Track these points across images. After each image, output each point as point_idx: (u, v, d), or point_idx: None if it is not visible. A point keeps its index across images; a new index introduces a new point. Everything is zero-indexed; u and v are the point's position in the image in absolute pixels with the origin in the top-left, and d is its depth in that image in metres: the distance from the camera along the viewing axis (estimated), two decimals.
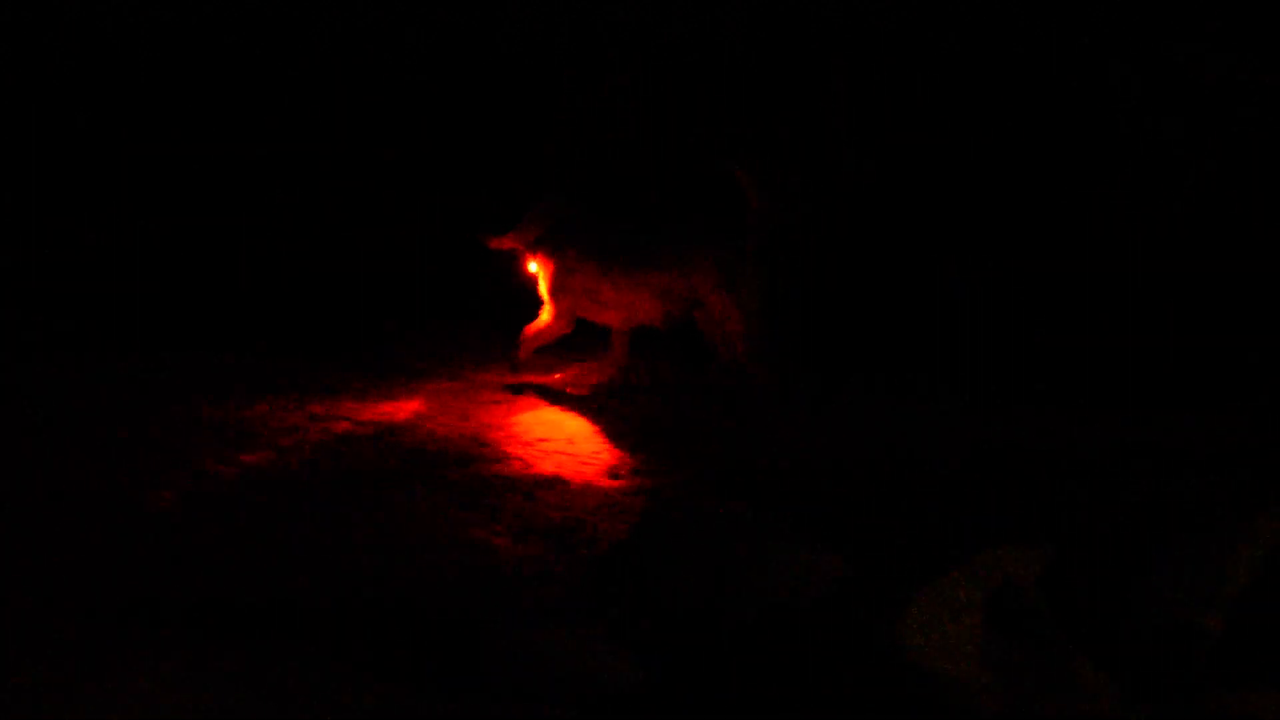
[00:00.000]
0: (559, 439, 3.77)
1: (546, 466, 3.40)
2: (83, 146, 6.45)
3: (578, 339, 4.85)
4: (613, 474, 3.41)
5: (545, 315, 4.63)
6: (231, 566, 2.94)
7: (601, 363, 4.72)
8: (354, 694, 2.30)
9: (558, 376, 4.67)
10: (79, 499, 3.37)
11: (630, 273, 4.39)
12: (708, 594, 2.60)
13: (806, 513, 3.04)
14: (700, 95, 6.73)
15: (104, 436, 3.87)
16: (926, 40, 6.48)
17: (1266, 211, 5.94)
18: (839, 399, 4.29)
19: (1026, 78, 6.33)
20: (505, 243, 4.63)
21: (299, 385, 4.45)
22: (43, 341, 5.30)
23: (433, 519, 3.08)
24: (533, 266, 4.70)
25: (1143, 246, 5.84)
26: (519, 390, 4.39)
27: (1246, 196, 6.00)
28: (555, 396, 4.36)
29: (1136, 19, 6.13)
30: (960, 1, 6.42)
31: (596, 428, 3.91)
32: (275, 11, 6.44)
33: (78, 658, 2.50)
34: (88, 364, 4.94)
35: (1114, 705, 2.42)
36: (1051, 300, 5.63)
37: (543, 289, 4.64)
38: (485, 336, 5.25)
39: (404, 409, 4.16)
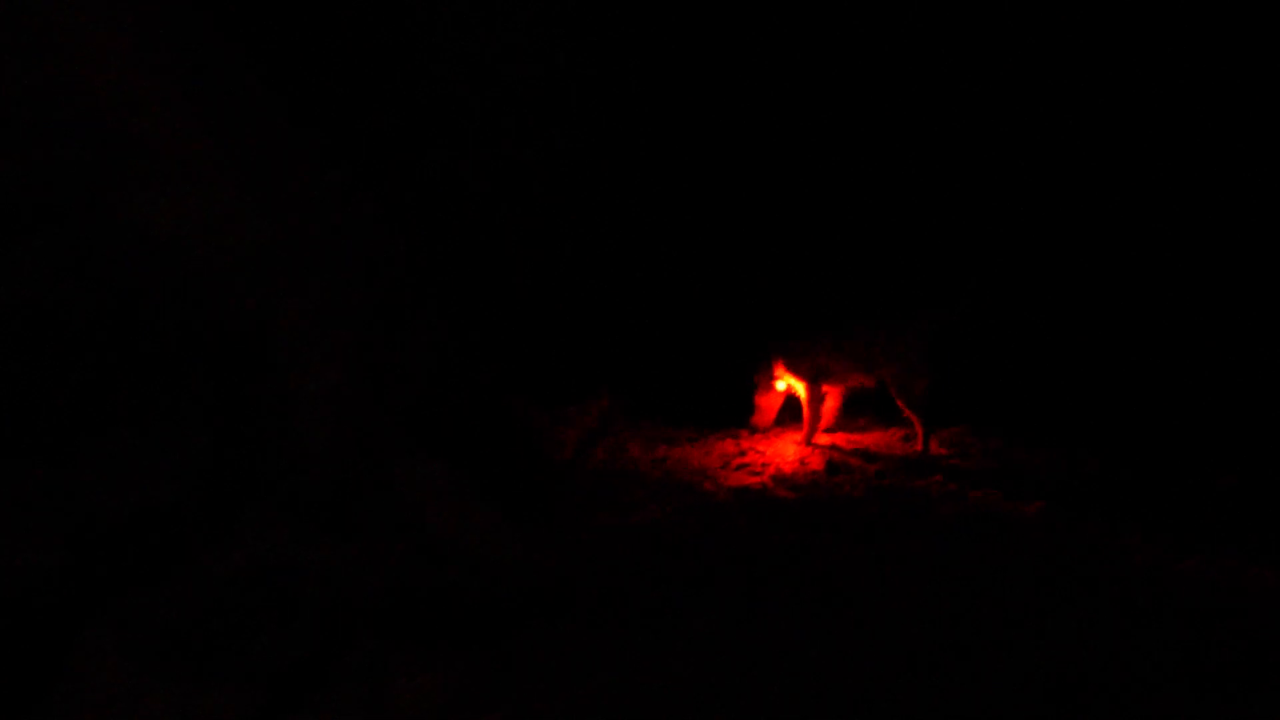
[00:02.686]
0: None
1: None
2: None
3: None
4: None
5: (805, 404, 5.94)
6: None
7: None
8: None
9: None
10: None
11: (841, 352, 5.86)
12: None
13: None
14: (701, 96, 6.77)
15: None
16: (926, 41, 6.49)
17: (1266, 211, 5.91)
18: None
19: (1027, 79, 6.34)
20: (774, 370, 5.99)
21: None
22: None
23: None
24: (780, 384, 5.99)
25: None
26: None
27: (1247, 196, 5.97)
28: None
29: (1136, 19, 6.12)
30: (960, 1, 6.43)
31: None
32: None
33: None
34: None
35: None
36: None
37: (796, 385, 5.92)
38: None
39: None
